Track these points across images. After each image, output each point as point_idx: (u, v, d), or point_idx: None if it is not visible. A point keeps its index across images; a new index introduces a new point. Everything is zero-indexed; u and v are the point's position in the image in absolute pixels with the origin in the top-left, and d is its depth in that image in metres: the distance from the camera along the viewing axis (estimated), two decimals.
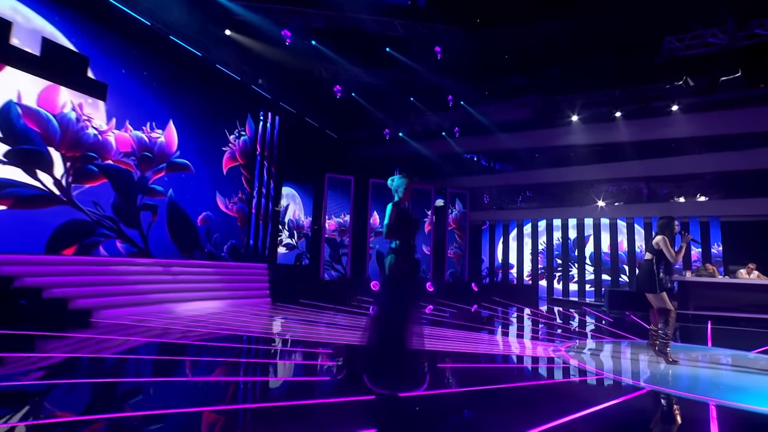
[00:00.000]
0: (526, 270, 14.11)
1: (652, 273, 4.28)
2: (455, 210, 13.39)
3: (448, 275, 12.89)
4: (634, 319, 8.28)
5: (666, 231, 4.29)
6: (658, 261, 4.32)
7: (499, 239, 14.60)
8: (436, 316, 7.94)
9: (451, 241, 13.15)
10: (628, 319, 8.27)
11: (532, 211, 14.47)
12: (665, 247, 4.29)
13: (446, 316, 7.83)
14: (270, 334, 5.39)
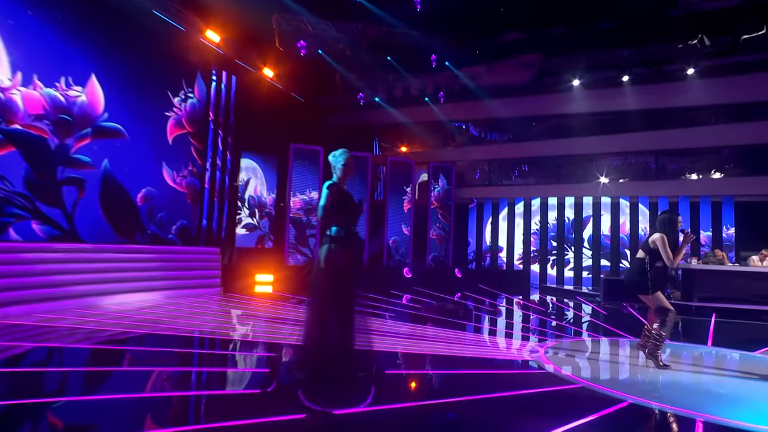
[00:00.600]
0: (516, 254, 14.17)
1: (643, 273, 4.19)
2: (438, 186, 13.17)
3: (429, 260, 12.82)
4: (631, 311, 8.24)
5: (666, 229, 4.16)
6: (652, 262, 4.24)
7: (488, 219, 14.49)
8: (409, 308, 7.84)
9: (434, 222, 13.03)
10: (624, 312, 8.28)
11: (526, 188, 14.33)
12: (662, 248, 4.11)
13: (420, 308, 7.75)
14: (199, 333, 5.09)
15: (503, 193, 14.42)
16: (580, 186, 13.40)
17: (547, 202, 13.84)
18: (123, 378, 3.53)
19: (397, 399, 3.21)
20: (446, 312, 7.32)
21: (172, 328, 5.13)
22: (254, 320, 6.01)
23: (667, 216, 4.19)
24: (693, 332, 6.78)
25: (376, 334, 4.99)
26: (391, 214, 12.36)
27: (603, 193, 12.93)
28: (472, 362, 4.31)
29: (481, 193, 14.59)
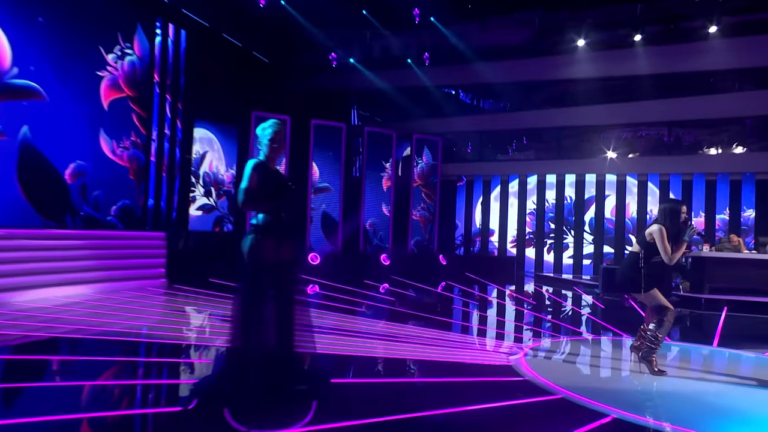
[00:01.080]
0: (509, 238, 14.23)
1: (636, 269, 4.06)
2: (423, 162, 13.20)
3: (412, 244, 12.96)
4: (632, 305, 8.17)
5: (667, 221, 4.02)
6: (647, 257, 4.07)
7: (478, 199, 14.49)
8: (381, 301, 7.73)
9: (417, 202, 13.10)
10: (625, 305, 8.23)
11: (522, 164, 14.30)
12: (660, 242, 3.97)
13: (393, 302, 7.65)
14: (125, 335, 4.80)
15: (496, 170, 14.43)
16: (583, 162, 13.39)
17: (545, 180, 13.90)
18: (4, 395, 3.28)
19: (344, 416, 3.01)
20: (423, 306, 7.24)
21: (85, 329, 4.87)
22: (194, 318, 5.78)
23: (669, 206, 4.04)
24: (699, 329, 6.74)
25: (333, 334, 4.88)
26: (369, 193, 12.39)
27: (609, 170, 12.98)
28: (439, 368, 4.18)
29: (471, 169, 14.57)
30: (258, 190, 3.10)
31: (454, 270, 12.32)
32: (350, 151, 12.72)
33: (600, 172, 13.22)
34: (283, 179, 3.26)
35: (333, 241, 11.86)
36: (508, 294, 9.67)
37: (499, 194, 14.35)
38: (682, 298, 8.59)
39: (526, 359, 4.48)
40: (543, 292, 10.07)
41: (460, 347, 4.89)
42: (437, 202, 13.30)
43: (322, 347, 4.13)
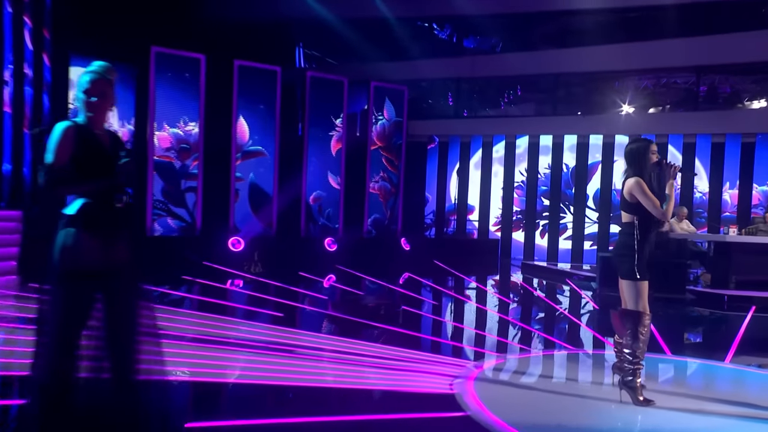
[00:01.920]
0: (493, 216, 14.45)
1: (629, 246, 3.99)
2: (384, 118, 13.08)
3: (368, 224, 12.94)
4: None
5: (638, 166, 4.01)
6: (643, 224, 4.01)
7: (454, 167, 14.60)
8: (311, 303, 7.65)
9: (376, 169, 13.04)
10: None
11: (510, 122, 14.47)
12: (643, 196, 3.93)
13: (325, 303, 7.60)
14: None
15: (477, 129, 14.52)
16: (588, 119, 13.44)
17: (539, 143, 14.06)
18: None
19: None
20: (366, 311, 7.07)
21: None
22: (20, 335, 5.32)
23: (634, 147, 4.05)
24: (713, 337, 6.71)
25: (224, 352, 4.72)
26: (313, 159, 12.27)
27: (620, 130, 13.18)
28: (357, 400, 4.09)
29: (446, 128, 14.62)
30: (71, 166, 2.77)
31: (422, 258, 12.37)
32: (289, 104, 12.53)
33: (608, 132, 13.31)
34: (108, 148, 2.91)
35: (264, 220, 11.71)
36: (485, 289, 9.75)
37: (481, 160, 14.42)
38: (699, 295, 8.62)
39: (476, 385, 4.36)
40: (527, 288, 10.17)
41: (396, 369, 4.80)
42: (402, 170, 13.28)
43: (196, 369, 4.03)
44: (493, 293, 9.49)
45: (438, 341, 6.08)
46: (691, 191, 12.90)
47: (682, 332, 6.91)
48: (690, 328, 7.06)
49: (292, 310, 7.11)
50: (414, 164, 14.19)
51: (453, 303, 8.52)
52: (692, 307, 8.15)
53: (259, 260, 10.67)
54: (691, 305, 8.23)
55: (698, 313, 7.88)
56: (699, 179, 12.92)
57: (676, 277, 8.37)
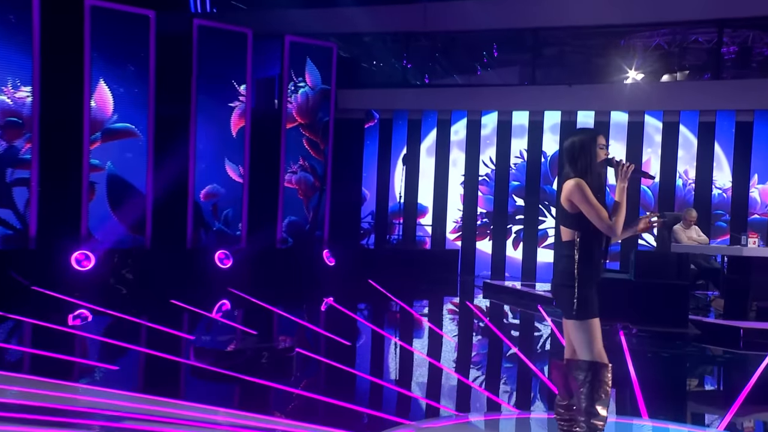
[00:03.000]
0: (451, 220, 14.36)
1: (569, 273, 3.92)
2: (305, 85, 13.10)
3: (283, 230, 12.91)
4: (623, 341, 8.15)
5: (580, 165, 3.96)
6: (586, 242, 3.94)
7: (400, 152, 14.52)
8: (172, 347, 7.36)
9: (294, 156, 13.05)
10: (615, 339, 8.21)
11: (473, 93, 14.30)
12: (585, 203, 3.85)
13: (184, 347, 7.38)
14: None
15: (431, 102, 14.41)
16: (577, 91, 13.34)
17: (511, 121, 14.06)
18: None
19: None
20: (238, 358, 6.66)
21: None
22: None
23: (577, 139, 4.05)
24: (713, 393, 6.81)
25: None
26: (204, 140, 12.13)
27: (618, 105, 13.23)
28: None
29: (390, 100, 14.42)
30: None
31: (353, 276, 12.43)
32: (171, 65, 12.11)
33: (603, 107, 13.28)
34: None
35: (132, 224, 11.43)
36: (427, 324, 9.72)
37: (435, 145, 14.36)
38: (706, 328, 8.50)
39: None
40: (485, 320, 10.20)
41: None
42: (330, 156, 13.35)
43: None
44: (437, 328, 9.37)
45: (333, 404, 5.67)
46: (709, 187, 12.89)
47: (672, 383, 6.82)
48: (686, 376, 7.14)
49: (131, 362, 6.96)
50: (346, 149, 14.13)
51: (375, 344, 8.35)
52: (696, 345, 8.08)
53: (119, 282, 10.47)
54: (694, 343, 8.15)
55: (702, 354, 7.98)
56: (719, 170, 12.96)
57: (676, 304, 8.25)
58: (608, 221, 3.81)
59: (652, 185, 13.35)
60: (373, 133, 14.61)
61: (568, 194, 3.88)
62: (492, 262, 13.99)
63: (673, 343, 8.00)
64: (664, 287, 8.25)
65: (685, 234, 9.59)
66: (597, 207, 3.79)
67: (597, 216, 3.79)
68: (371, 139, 14.60)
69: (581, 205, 3.82)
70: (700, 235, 9.82)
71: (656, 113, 13.31)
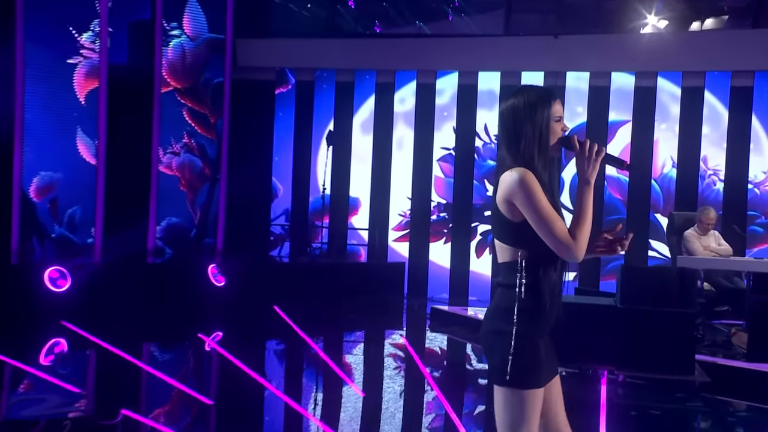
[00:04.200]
0: (394, 219, 14.72)
1: (506, 314, 3.78)
2: (183, 34, 13.22)
3: (157, 237, 13.02)
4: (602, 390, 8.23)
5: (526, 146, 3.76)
6: (534, 265, 3.78)
7: (325, 128, 14.65)
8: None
9: (176, 131, 13.15)
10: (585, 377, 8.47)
11: (424, 45, 14.63)
12: (533, 210, 3.66)
13: None
14: None
15: (367, 59, 14.66)
16: (568, 44, 13.56)
17: (477, 85, 14.33)
18: None
19: None
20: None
21: None
22: None
23: (520, 103, 3.79)
24: None
25: None
26: (36, 111, 11.98)
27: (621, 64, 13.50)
28: None
29: (311, 56, 14.69)
30: None
31: (252, 300, 12.55)
32: None
33: (602, 66, 13.44)
34: None
35: None
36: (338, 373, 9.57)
37: (374, 117, 14.52)
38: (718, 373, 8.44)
39: None
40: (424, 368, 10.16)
41: None
42: (224, 134, 13.58)
43: None
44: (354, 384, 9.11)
45: None
46: (743, 178, 12.97)
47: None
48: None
49: None
50: (250, 124, 14.32)
51: (251, 403, 8.13)
52: (705, 397, 8.04)
53: None
54: (703, 394, 8.11)
55: (714, 410, 7.91)
56: (758, 154, 13.07)
57: (678, 340, 8.21)
58: (566, 237, 3.61)
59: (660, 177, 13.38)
60: (287, 101, 14.63)
61: (507, 193, 3.65)
62: (451, 277, 14.08)
63: (673, 395, 7.98)
64: (662, 317, 8.20)
65: (700, 242, 9.69)
66: (549, 215, 3.58)
67: (549, 228, 3.59)
68: (285, 110, 14.60)
69: (526, 211, 3.60)
70: (720, 244, 9.91)
71: (673, 75, 13.37)
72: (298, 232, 14.64)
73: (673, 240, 9.79)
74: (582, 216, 3.66)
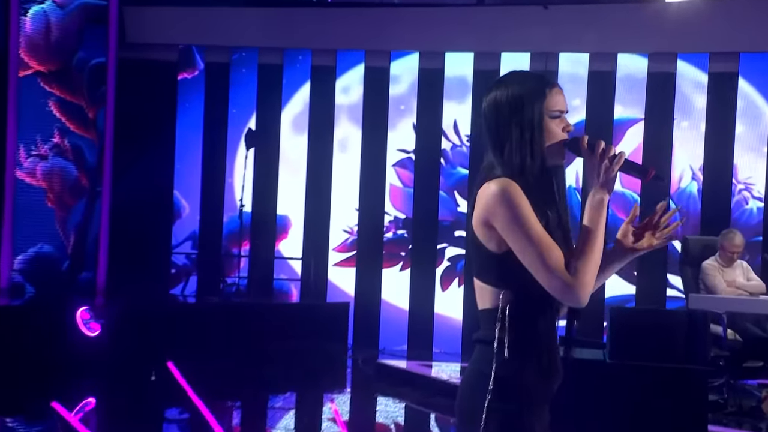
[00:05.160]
0: (335, 239, 14.88)
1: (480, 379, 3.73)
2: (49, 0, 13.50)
3: (16, 265, 13.22)
4: None
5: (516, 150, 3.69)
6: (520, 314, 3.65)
7: (243, 126, 14.61)
8: None
9: (43, 128, 13.40)
10: None
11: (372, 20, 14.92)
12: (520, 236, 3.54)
13: None
14: None
15: (299, 34, 14.83)
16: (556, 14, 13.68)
17: (443, 69, 14.60)
18: None
19: None
20: None
21: None
22: None
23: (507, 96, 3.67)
24: None
25: None
26: None
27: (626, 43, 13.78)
28: None
29: (225, 30, 14.82)
30: None
31: (139, 354, 12.19)
32: None
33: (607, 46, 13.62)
34: None
35: None
36: None
37: (308, 110, 14.54)
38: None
39: None
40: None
41: None
42: (108, 132, 13.71)
43: None
44: None
45: None
46: None
47: None
48: None
49: None
50: (143, 119, 14.21)
51: None
52: None
53: None
54: None
55: None
56: None
57: (685, 407, 8.15)
58: (563, 272, 3.35)
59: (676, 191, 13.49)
60: (194, 90, 14.66)
61: (485, 212, 3.47)
62: (410, 319, 14.01)
63: None
64: (664, 375, 8.09)
65: (722, 275, 9.49)
66: (541, 241, 3.38)
67: (540, 259, 3.38)
68: (191, 101, 14.59)
69: (509, 235, 3.41)
70: (750, 279, 9.86)
71: (697, 58, 13.43)
72: (208, 263, 14.55)
73: (688, 273, 9.72)
74: (589, 243, 3.37)
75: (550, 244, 3.32)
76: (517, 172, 3.42)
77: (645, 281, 13.82)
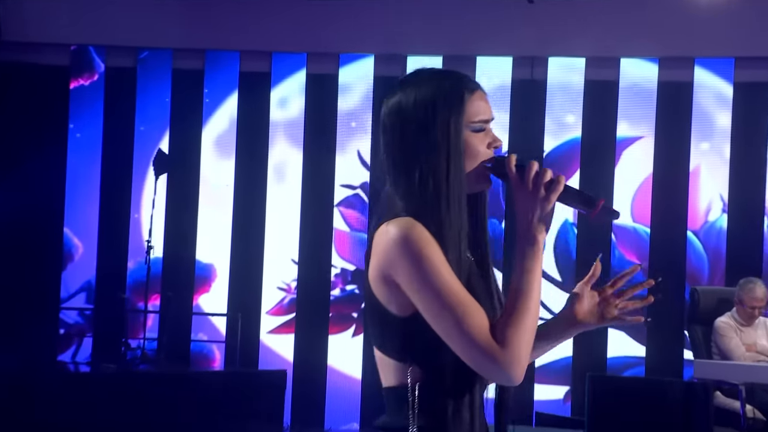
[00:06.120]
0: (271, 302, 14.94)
1: None
2: None
3: None
4: None
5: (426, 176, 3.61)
6: (432, 397, 3.49)
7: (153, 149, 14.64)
8: None
9: None
10: None
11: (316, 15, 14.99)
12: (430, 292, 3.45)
13: None
14: None
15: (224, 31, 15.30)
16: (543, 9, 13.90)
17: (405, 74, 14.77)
18: None
19: None
20: None
21: None
22: None
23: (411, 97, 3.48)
24: None
25: None
26: None
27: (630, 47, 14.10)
28: None
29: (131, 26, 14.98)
30: None
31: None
32: None
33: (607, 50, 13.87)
34: None
35: None
36: None
37: (236, 127, 14.76)
38: None
39: None
40: None
41: None
42: None
43: None
44: None
45: None
46: None
47: None
48: None
49: None
50: (25, 137, 14.72)
51: None
52: None
53: None
54: None
55: None
56: None
57: None
58: (487, 339, 3.16)
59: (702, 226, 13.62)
60: (91, 101, 14.69)
61: (383, 264, 3.29)
62: (364, 396, 14.19)
63: None
64: None
65: (740, 335, 9.53)
66: (458, 299, 3.17)
67: (457, 322, 3.15)
68: (88, 115, 14.68)
69: (415, 293, 3.21)
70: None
71: (721, 63, 13.56)
72: (106, 321, 14.45)
73: (698, 333, 9.74)
74: (521, 301, 3.14)
75: (470, 303, 3.09)
76: (428, 205, 3.21)
77: (658, 340, 13.87)
